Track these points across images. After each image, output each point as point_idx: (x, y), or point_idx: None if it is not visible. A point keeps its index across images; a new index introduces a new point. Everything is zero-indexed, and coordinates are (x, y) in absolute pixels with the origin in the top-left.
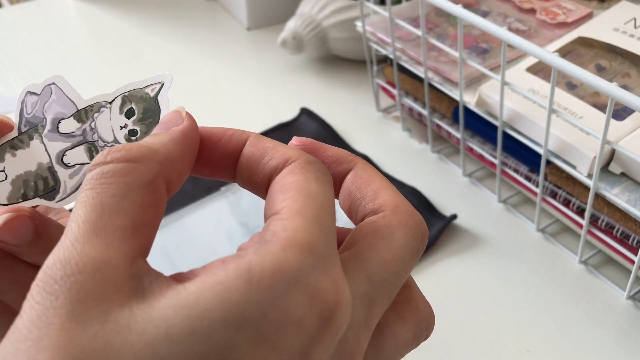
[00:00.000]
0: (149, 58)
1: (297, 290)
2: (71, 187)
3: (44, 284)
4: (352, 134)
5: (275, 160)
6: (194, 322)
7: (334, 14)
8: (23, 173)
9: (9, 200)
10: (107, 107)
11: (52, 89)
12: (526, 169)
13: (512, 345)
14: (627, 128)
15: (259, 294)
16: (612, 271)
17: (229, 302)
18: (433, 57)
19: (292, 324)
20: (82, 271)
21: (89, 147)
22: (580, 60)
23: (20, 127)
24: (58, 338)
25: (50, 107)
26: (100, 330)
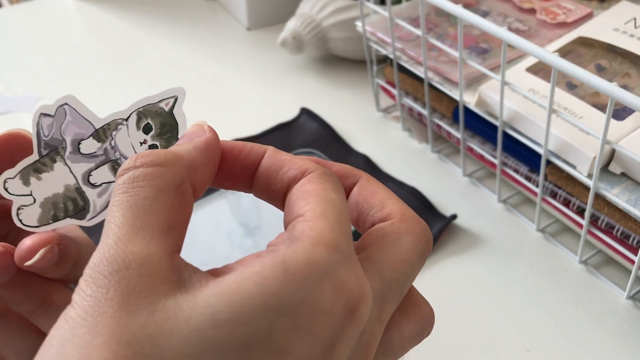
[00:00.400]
0: (149, 58)
1: (327, 282)
2: (100, 205)
3: (93, 279)
4: (352, 134)
5: (293, 171)
6: (237, 308)
7: (334, 14)
8: (51, 195)
9: (40, 223)
10: (123, 124)
11: (65, 109)
12: (526, 169)
13: (512, 344)
14: (627, 128)
15: (294, 283)
16: (612, 271)
17: (267, 290)
18: (433, 57)
19: (323, 312)
20: (129, 267)
21: (112, 165)
22: (580, 60)
23: (40, 151)
24: (112, 325)
25: (67, 128)
26: (149, 319)
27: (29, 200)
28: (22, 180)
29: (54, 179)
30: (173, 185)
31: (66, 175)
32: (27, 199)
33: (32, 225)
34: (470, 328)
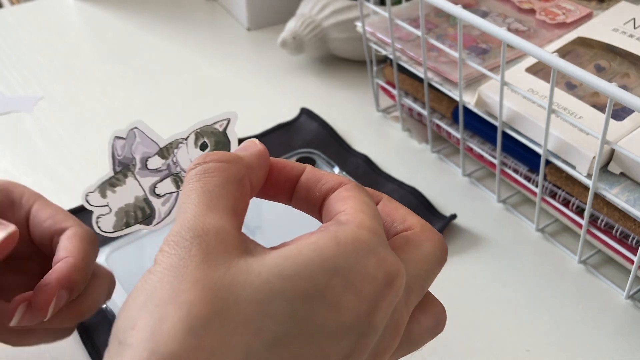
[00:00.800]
0: (149, 58)
1: (371, 255)
2: (164, 212)
3: (175, 242)
4: (352, 134)
5: (331, 182)
6: (299, 267)
7: (334, 15)
8: (124, 205)
9: (115, 229)
10: (183, 143)
11: (135, 132)
12: (526, 168)
13: (512, 344)
14: (626, 128)
15: (345, 252)
16: (612, 271)
17: (324, 255)
18: (433, 57)
19: (369, 277)
20: (207, 233)
21: (174, 178)
22: (579, 60)
23: (114, 168)
24: (195, 274)
25: (137, 148)
26: (226, 272)
27: (105, 210)
28: (101, 194)
29: (126, 191)
30: (236, 178)
31: (136, 187)
32: (104, 209)
33: (108, 231)
34: (470, 327)
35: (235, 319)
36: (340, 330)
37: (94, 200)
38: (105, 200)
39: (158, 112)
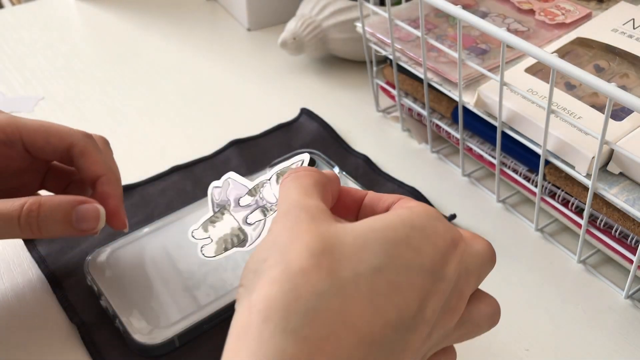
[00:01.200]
0: (149, 58)
1: (439, 221)
2: (255, 235)
3: (285, 214)
4: (352, 134)
5: (391, 198)
6: (386, 223)
7: (333, 15)
8: (222, 235)
9: (215, 254)
10: (267, 183)
11: (229, 181)
12: (525, 168)
13: (511, 343)
14: (625, 128)
15: (419, 216)
16: (611, 270)
17: (402, 216)
18: (432, 57)
19: (440, 235)
20: (310, 206)
21: (262, 209)
22: (578, 60)
23: (213, 209)
24: (308, 227)
25: (230, 192)
26: (329, 227)
27: (208, 241)
28: (203, 229)
29: (224, 225)
30: (321, 182)
31: (232, 221)
32: (207, 240)
33: (211, 256)
34: None
35: (343, 252)
36: (421, 270)
37: (198, 234)
38: (207, 234)
39: (158, 112)
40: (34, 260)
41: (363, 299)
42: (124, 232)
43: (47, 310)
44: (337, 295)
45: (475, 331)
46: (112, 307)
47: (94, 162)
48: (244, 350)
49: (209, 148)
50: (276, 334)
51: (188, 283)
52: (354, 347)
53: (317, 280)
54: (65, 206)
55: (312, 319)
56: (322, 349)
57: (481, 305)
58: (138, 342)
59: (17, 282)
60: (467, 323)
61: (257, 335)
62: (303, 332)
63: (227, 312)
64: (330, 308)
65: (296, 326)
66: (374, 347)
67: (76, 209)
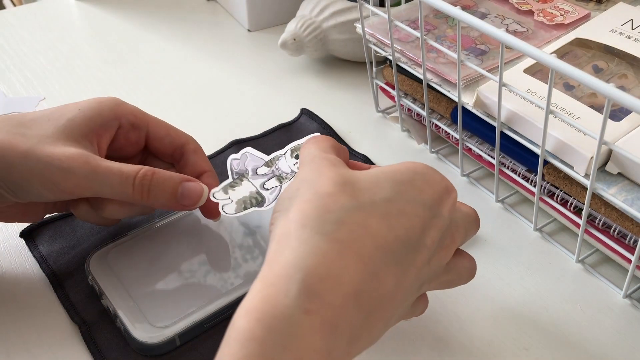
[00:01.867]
0: (150, 59)
1: (435, 172)
2: (272, 199)
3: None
4: (351, 135)
5: None
6: (393, 168)
7: (333, 16)
8: (241, 197)
9: (236, 212)
10: (283, 156)
11: (247, 154)
12: (524, 168)
13: (510, 343)
14: (624, 128)
15: (420, 166)
16: (610, 270)
17: (407, 164)
18: (432, 58)
19: (436, 181)
20: (330, 158)
21: (278, 177)
22: (577, 61)
23: (232, 176)
24: (329, 169)
25: (248, 164)
26: (347, 170)
27: (228, 202)
28: (223, 191)
29: (243, 189)
30: (336, 147)
31: (250, 186)
32: (227, 201)
33: (231, 213)
34: (468, 326)
35: (360, 186)
36: (422, 204)
37: (218, 196)
38: (227, 195)
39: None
40: (35, 259)
41: (379, 217)
42: (124, 232)
43: (48, 309)
44: (359, 211)
45: (457, 280)
46: (113, 307)
47: (204, 159)
48: (287, 249)
49: (209, 148)
50: (312, 235)
51: (189, 282)
52: (374, 250)
53: (343, 200)
54: (175, 179)
55: (340, 225)
56: (349, 248)
57: (464, 260)
58: (139, 341)
59: (18, 282)
60: (453, 271)
61: (296, 237)
62: (334, 235)
63: (227, 311)
64: (354, 220)
65: (328, 230)
66: (388, 254)
67: (182, 185)
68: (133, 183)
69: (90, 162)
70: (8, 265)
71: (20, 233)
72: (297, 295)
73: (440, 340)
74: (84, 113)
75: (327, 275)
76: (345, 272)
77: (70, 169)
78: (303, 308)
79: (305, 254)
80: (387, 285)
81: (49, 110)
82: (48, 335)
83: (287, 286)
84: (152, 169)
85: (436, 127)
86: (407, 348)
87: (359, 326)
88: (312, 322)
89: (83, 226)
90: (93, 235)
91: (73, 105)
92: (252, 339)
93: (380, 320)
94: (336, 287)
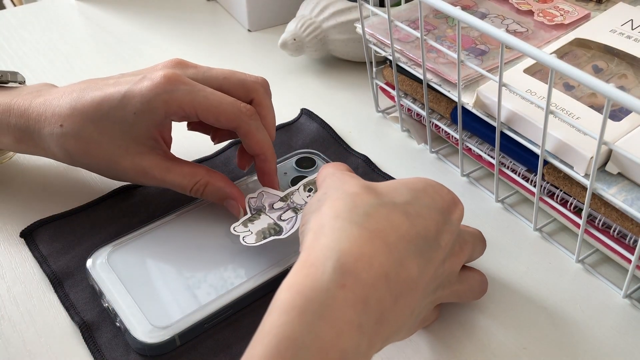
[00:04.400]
0: (150, 59)
1: (443, 187)
2: (289, 228)
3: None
4: (351, 134)
5: None
6: (407, 179)
7: (333, 16)
8: (260, 229)
9: (256, 241)
10: (297, 191)
11: (263, 193)
12: (524, 169)
13: (509, 342)
14: (623, 128)
15: (430, 179)
16: (609, 270)
17: (419, 178)
18: (432, 58)
19: (445, 193)
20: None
21: (293, 209)
22: (577, 61)
23: (251, 212)
24: (352, 179)
25: (265, 200)
26: (367, 181)
27: (248, 234)
28: (243, 225)
29: (261, 222)
30: (350, 169)
31: (268, 219)
32: (247, 232)
33: (251, 243)
34: (468, 326)
35: (381, 190)
36: (436, 210)
37: (239, 229)
38: (246, 228)
39: None
40: (36, 259)
41: (400, 214)
42: (124, 232)
43: (48, 309)
44: (383, 207)
45: (469, 292)
46: (113, 307)
47: (255, 142)
48: (322, 237)
49: (209, 148)
50: (345, 224)
51: (189, 282)
52: (397, 240)
53: (368, 198)
54: (221, 195)
55: (368, 217)
56: (377, 236)
57: (475, 273)
58: (139, 341)
59: (18, 282)
60: (465, 282)
61: (330, 226)
62: (364, 224)
63: (227, 311)
64: (380, 214)
65: (358, 220)
66: (410, 245)
67: (227, 201)
68: (188, 192)
69: (156, 177)
70: (8, 265)
71: (20, 233)
72: (333, 272)
73: (440, 340)
74: (139, 118)
75: (360, 256)
76: (375, 255)
77: (142, 181)
78: (339, 283)
79: (339, 238)
80: (412, 272)
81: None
82: (48, 335)
83: (325, 265)
84: (205, 182)
85: (436, 127)
86: (407, 348)
87: (389, 308)
88: (346, 295)
89: (83, 226)
90: (93, 235)
91: (129, 103)
92: (293, 308)
93: (407, 307)
94: (368, 268)
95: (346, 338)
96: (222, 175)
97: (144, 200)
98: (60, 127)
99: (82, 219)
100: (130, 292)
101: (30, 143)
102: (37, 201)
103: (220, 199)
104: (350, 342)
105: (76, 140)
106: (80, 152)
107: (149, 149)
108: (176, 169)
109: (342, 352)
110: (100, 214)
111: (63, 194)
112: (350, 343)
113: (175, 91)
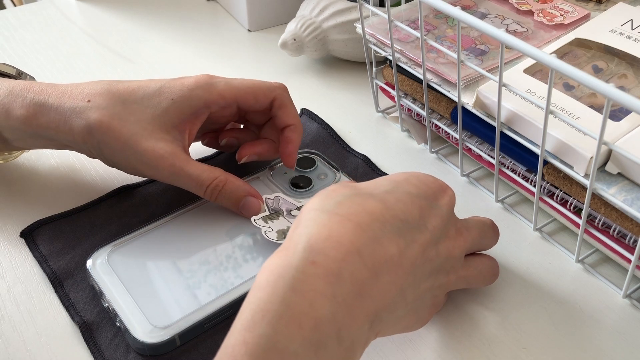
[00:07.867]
0: (150, 59)
1: (430, 175)
2: None
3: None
4: (351, 135)
5: None
6: (390, 175)
7: (333, 16)
8: (281, 229)
9: (277, 239)
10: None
11: (279, 198)
12: (524, 169)
13: (509, 342)
14: (623, 128)
15: (416, 172)
16: (609, 270)
17: (402, 172)
18: (432, 58)
19: (430, 181)
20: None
21: None
22: (577, 61)
23: (269, 211)
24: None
25: (282, 205)
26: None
27: (269, 229)
28: (263, 221)
29: (280, 223)
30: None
31: (286, 222)
32: (268, 229)
33: (273, 239)
34: (467, 325)
35: (361, 186)
36: (419, 196)
37: (259, 222)
38: (267, 224)
39: None
40: (36, 259)
41: (377, 201)
42: (124, 232)
43: (48, 309)
44: (358, 196)
45: (478, 277)
46: (113, 307)
47: (288, 113)
48: (298, 228)
49: (209, 148)
50: (317, 213)
51: (189, 282)
52: (371, 221)
53: (343, 190)
54: (240, 192)
55: (340, 205)
56: (348, 219)
57: (484, 258)
58: (139, 341)
59: (18, 282)
60: (472, 267)
61: (305, 218)
62: (335, 211)
63: (227, 311)
64: (353, 201)
65: (330, 208)
66: (387, 226)
67: (245, 199)
68: (205, 189)
69: (175, 165)
70: (8, 265)
71: (20, 233)
72: (303, 251)
73: (440, 340)
74: (176, 105)
75: (328, 236)
76: (345, 234)
77: (157, 168)
78: (308, 260)
79: (311, 226)
80: (389, 250)
81: (148, 91)
82: (48, 335)
83: (296, 247)
84: (225, 179)
85: (436, 127)
86: (407, 348)
87: (368, 282)
88: (316, 270)
89: (83, 226)
90: (93, 235)
91: (168, 91)
92: (266, 286)
93: (392, 284)
94: (337, 245)
95: (319, 307)
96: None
97: (144, 200)
98: (87, 102)
99: (82, 219)
100: (131, 292)
101: (43, 119)
102: (37, 201)
103: (237, 198)
104: (323, 310)
105: (100, 113)
106: (100, 126)
107: (172, 138)
108: (195, 163)
109: (316, 320)
110: (100, 214)
111: (63, 194)
112: (323, 311)
113: (214, 84)
